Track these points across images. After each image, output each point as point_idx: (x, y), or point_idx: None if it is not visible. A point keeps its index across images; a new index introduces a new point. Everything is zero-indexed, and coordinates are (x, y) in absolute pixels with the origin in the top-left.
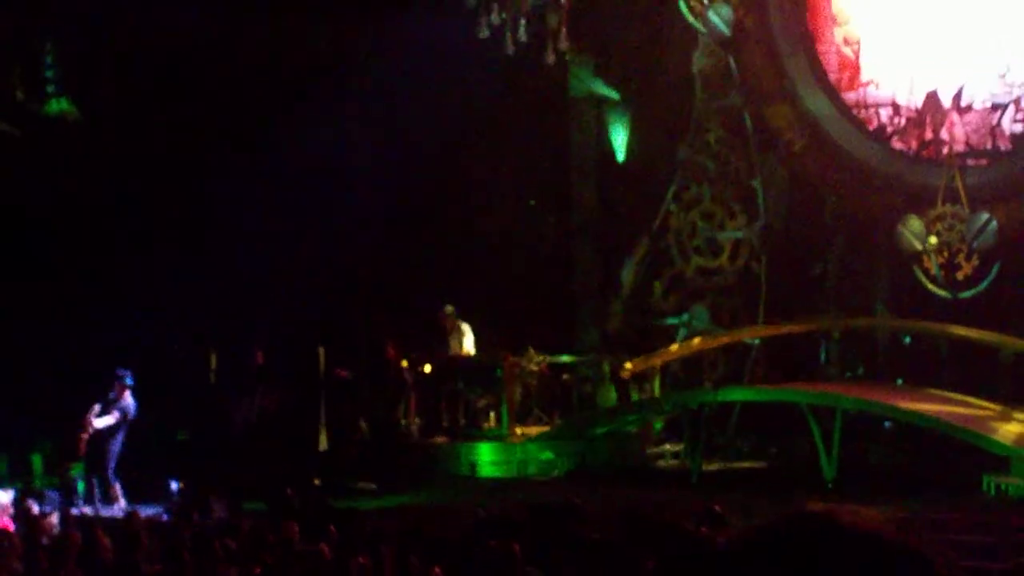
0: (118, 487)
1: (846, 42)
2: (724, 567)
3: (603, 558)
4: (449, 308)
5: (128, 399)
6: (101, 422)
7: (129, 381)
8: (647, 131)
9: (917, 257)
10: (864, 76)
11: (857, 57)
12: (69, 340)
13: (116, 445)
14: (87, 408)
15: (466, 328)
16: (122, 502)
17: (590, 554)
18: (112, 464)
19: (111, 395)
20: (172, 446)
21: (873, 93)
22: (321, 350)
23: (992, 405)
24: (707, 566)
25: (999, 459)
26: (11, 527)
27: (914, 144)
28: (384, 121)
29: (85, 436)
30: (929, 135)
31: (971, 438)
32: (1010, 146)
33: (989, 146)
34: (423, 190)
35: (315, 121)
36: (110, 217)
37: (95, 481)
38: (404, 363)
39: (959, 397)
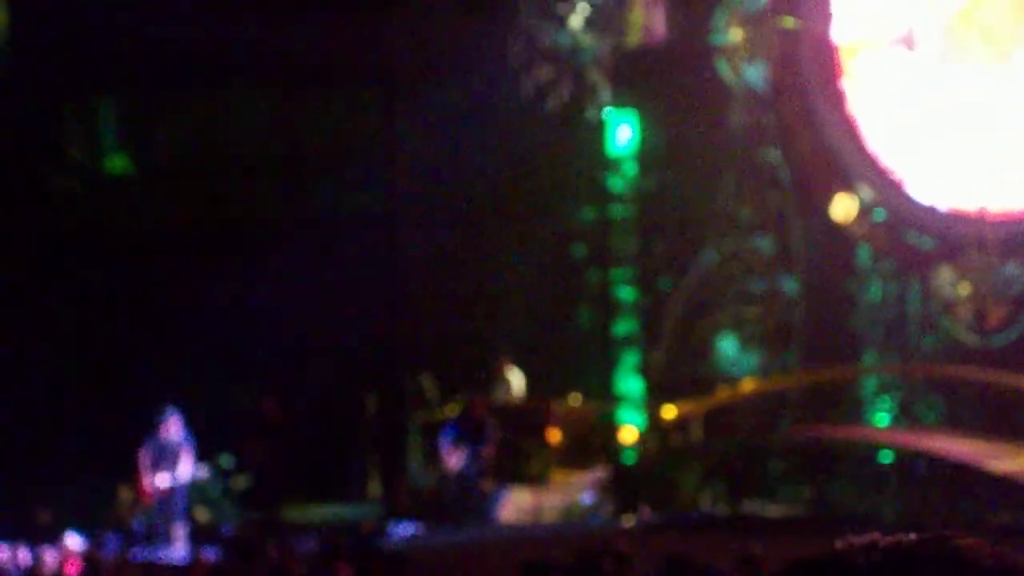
0: (181, 531)
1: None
2: None
3: None
4: (505, 355)
5: (183, 434)
6: (183, 472)
7: (179, 418)
8: (685, 183)
9: (949, 305)
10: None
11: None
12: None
13: (184, 487)
14: (142, 455)
15: (515, 374)
16: (183, 543)
17: None
18: (179, 507)
19: (160, 435)
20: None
21: None
22: (369, 398)
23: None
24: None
25: None
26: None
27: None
28: (435, 175)
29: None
30: None
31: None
32: None
33: None
34: (472, 241)
35: (368, 178)
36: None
37: (160, 525)
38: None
39: (991, 441)
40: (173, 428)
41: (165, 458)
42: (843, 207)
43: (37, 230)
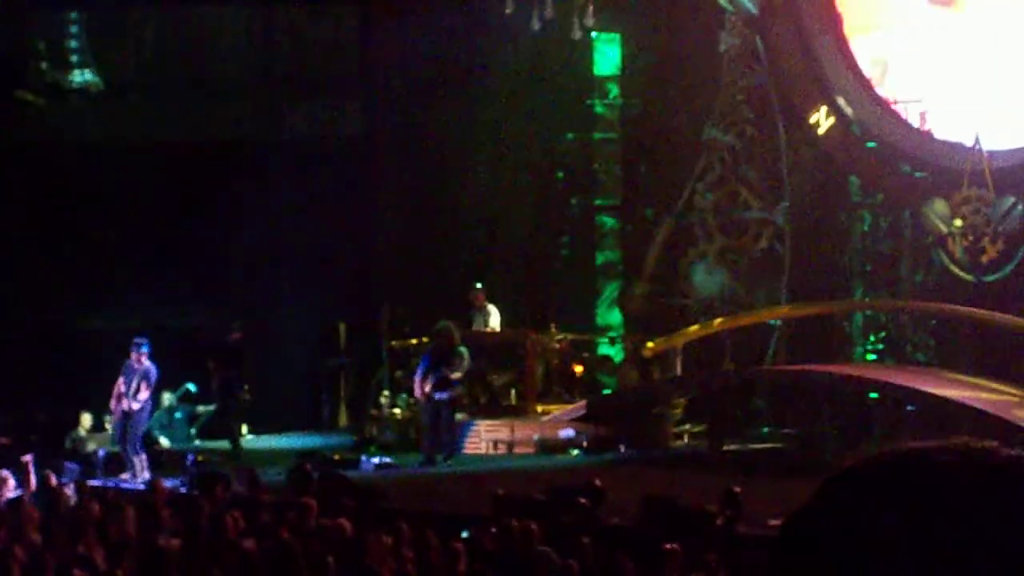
0: (143, 459)
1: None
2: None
3: (621, 542)
4: (479, 285)
5: (147, 364)
6: (137, 402)
7: (146, 348)
8: (672, 110)
9: (942, 239)
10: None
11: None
12: (91, 313)
13: (143, 415)
14: (113, 380)
15: (492, 308)
16: (146, 474)
17: (609, 537)
18: (139, 435)
19: (130, 362)
20: (194, 419)
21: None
22: (341, 327)
23: (1016, 390)
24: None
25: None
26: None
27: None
28: (412, 101)
29: (116, 417)
30: None
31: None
32: None
33: None
34: (451, 170)
35: (345, 102)
36: (132, 192)
37: (122, 453)
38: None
39: (982, 382)
40: (140, 354)
41: (131, 384)
42: (835, 133)
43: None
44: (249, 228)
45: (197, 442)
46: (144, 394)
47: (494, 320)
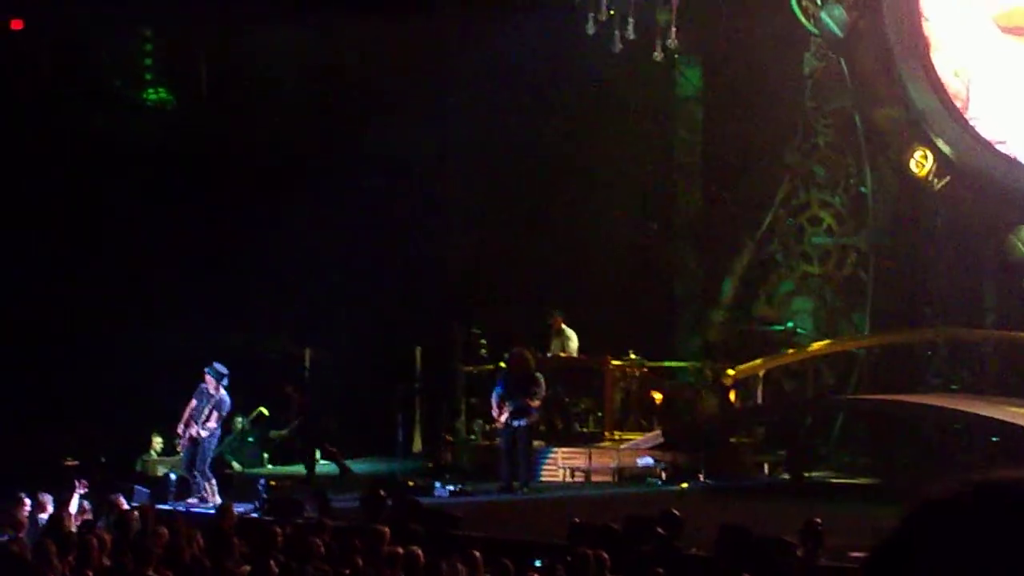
0: (213, 484)
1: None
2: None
3: (698, 572)
4: (557, 310)
5: (222, 393)
6: (205, 430)
7: (225, 381)
8: (755, 134)
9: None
10: (972, 112)
11: (967, 90)
12: (162, 334)
13: (212, 441)
14: (184, 405)
15: (571, 333)
16: (216, 499)
17: (685, 568)
18: (208, 460)
19: (204, 387)
20: (267, 443)
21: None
22: (417, 350)
23: None
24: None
25: None
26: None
27: None
28: (489, 120)
29: (182, 442)
30: None
31: None
32: None
33: None
34: (528, 191)
35: (418, 120)
36: (202, 209)
37: (190, 477)
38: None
39: None
40: (211, 382)
41: (202, 410)
42: (920, 161)
43: (77, 159)
44: (321, 248)
45: (270, 466)
46: (213, 423)
47: (573, 345)
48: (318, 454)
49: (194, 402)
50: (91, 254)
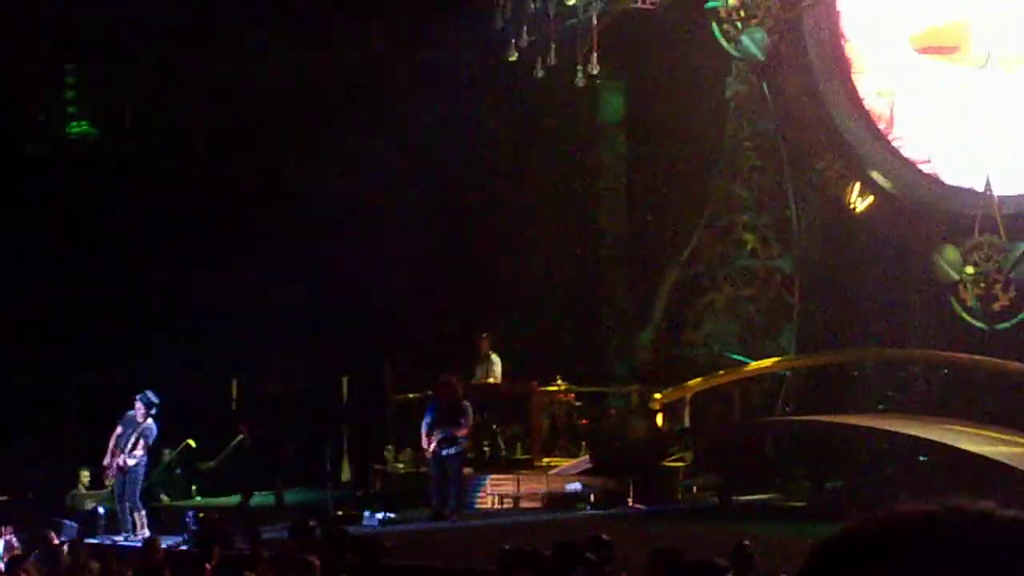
0: (143, 516)
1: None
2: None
3: None
4: (483, 336)
5: (149, 422)
6: (132, 458)
7: (153, 402)
8: (680, 157)
9: (953, 287)
10: (896, 132)
11: (891, 110)
12: (94, 364)
13: (140, 470)
14: (111, 431)
15: (496, 358)
16: (145, 532)
17: None
18: (138, 490)
19: (132, 414)
20: (196, 475)
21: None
22: (344, 380)
23: None
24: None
25: None
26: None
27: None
28: (412, 149)
29: (109, 473)
30: None
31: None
32: None
33: None
34: (452, 218)
35: (342, 150)
36: (134, 241)
37: (120, 510)
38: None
39: (995, 432)
40: (140, 409)
41: (128, 438)
42: (844, 182)
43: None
44: (248, 278)
45: (198, 498)
46: (140, 451)
47: (497, 370)
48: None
49: (119, 429)
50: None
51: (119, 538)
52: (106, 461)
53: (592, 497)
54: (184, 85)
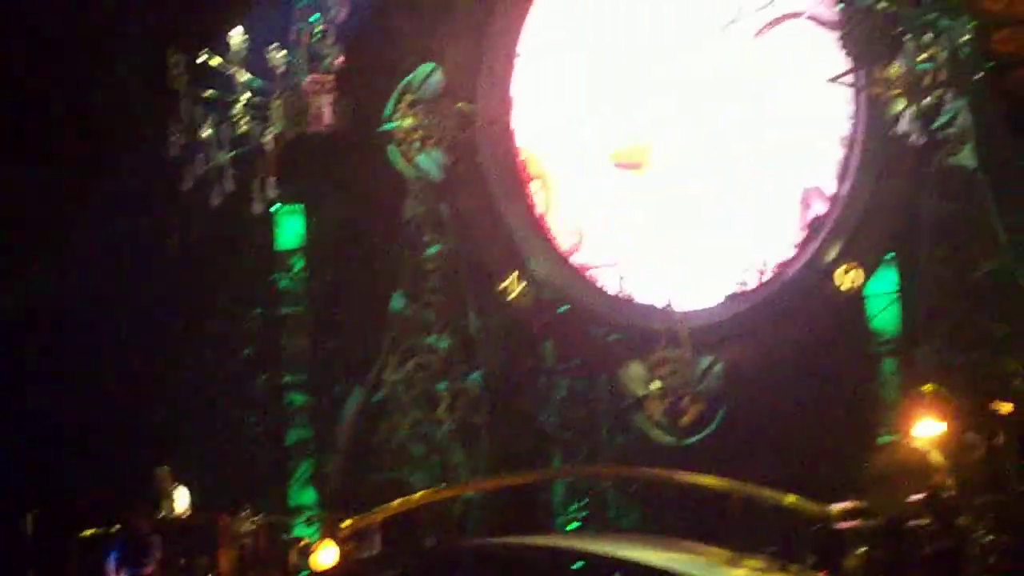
0: None
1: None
2: None
3: None
4: (164, 468)
5: None
6: None
7: None
8: (360, 281)
9: (640, 403)
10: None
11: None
12: None
13: None
14: None
15: (180, 490)
16: None
17: None
18: None
19: None
20: None
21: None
22: (29, 517)
23: (721, 551)
24: None
25: None
26: None
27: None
28: (91, 279)
29: None
30: None
31: None
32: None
33: None
34: (133, 346)
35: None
36: None
37: None
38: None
39: (688, 544)
40: None
41: None
42: (527, 301)
43: None
44: None
45: None
46: None
47: (182, 503)
48: None
49: None
50: None
51: None
52: None
53: None
54: None
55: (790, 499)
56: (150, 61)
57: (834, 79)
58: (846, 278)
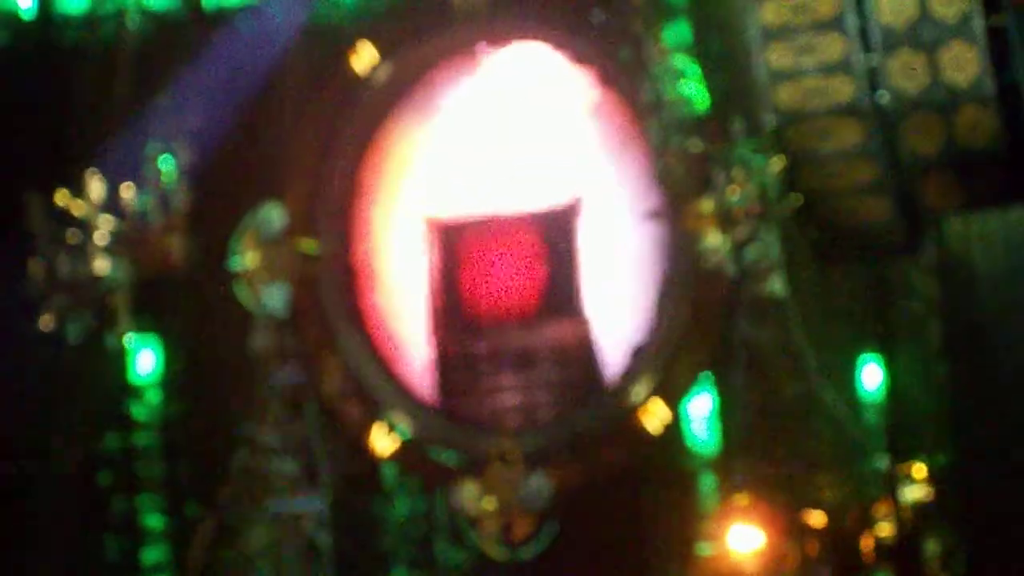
0: None
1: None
2: None
3: None
4: None
5: None
6: None
7: None
8: (211, 410)
9: (475, 520)
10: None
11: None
12: None
13: None
14: None
15: None
16: None
17: None
18: None
19: None
20: None
21: None
22: None
23: None
24: None
25: None
26: None
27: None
28: None
29: None
30: None
31: None
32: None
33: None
34: None
35: None
36: None
37: None
38: None
39: None
40: None
41: None
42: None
43: None
44: None
45: None
46: None
47: None
48: None
49: None
50: None
51: None
52: None
53: None
54: None
55: None
56: (6, 202)
57: (650, 216)
58: (653, 418)
